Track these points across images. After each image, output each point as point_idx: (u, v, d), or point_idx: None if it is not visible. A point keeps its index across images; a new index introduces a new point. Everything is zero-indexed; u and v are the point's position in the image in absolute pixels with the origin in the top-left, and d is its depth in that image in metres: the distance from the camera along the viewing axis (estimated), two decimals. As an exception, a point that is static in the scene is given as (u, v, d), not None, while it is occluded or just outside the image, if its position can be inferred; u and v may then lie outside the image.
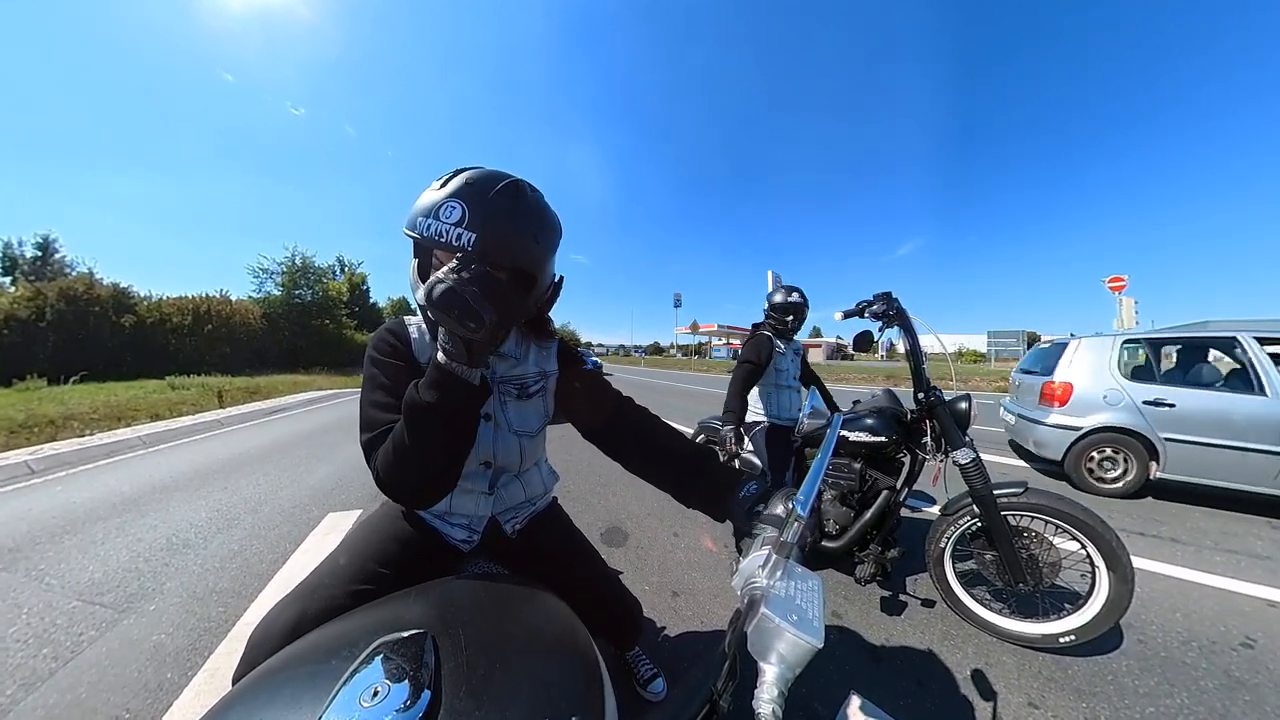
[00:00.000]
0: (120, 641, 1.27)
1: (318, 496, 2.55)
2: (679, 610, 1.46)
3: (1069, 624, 1.19)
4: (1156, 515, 2.36)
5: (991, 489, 1.24)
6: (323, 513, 2.29)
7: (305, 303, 17.73)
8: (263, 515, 2.26)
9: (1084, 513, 1.17)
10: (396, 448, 0.50)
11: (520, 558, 0.75)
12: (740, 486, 0.56)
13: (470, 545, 0.72)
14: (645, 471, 0.67)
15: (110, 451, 3.65)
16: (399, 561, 0.65)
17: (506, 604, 0.48)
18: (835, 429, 0.59)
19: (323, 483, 2.80)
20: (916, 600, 1.49)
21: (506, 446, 0.69)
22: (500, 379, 0.69)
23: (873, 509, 1.45)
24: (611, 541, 2.02)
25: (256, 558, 1.80)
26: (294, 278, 17.62)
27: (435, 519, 0.71)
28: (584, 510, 2.41)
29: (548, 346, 0.75)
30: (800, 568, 0.37)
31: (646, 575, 1.69)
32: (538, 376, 0.72)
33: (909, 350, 1.41)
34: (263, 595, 1.52)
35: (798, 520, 0.36)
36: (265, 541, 1.95)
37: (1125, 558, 1.12)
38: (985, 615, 1.31)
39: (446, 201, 0.52)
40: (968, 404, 1.35)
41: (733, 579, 0.39)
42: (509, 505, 0.73)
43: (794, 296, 1.87)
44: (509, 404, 0.69)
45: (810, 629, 0.30)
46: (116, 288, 12.52)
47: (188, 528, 2.10)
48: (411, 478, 0.51)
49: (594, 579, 0.78)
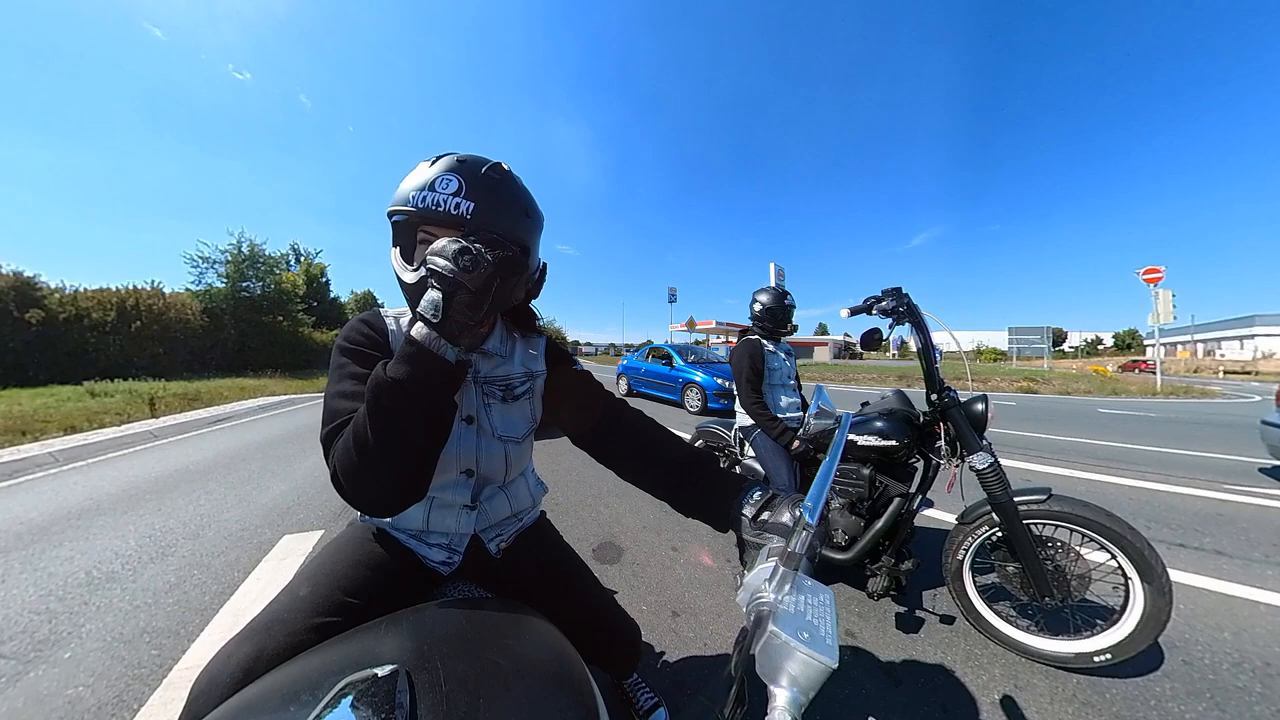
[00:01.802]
0: (26, 699, 1.19)
1: (271, 517, 2.49)
2: (680, 632, 1.46)
3: (1104, 641, 1.19)
4: (1197, 525, 2.41)
5: (1012, 496, 1.27)
6: (277, 535, 2.24)
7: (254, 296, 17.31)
8: (205, 540, 2.20)
9: (1112, 520, 1.19)
10: (357, 436, 0.47)
11: (506, 579, 0.74)
12: (744, 493, 0.56)
13: (451, 567, 0.71)
14: (641, 479, 0.67)
15: (13, 471, 3.49)
16: (369, 589, 0.64)
17: (491, 631, 0.47)
18: (845, 429, 0.60)
19: (277, 501, 2.74)
20: (935, 616, 1.52)
21: (490, 453, 0.69)
22: (484, 379, 0.69)
23: (884, 518, 1.48)
24: (605, 558, 2.02)
25: (198, 590, 1.74)
26: (240, 268, 17.16)
27: (411, 539, 0.71)
28: (574, 524, 2.41)
29: (535, 344, 0.75)
30: (810, 580, 0.37)
31: (644, 594, 1.70)
32: (524, 377, 0.72)
33: (921, 349, 1.45)
34: (206, 634, 1.47)
35: (806, 529, 0.36)
36: (208, 571, 1.90)
37: (1160, 567, 1.13)
38: (1011, 633, 1.34)
39: (442, 175, 0.57)
40: (984, 405, 1.38)
41: (737, 594, 0.39)
42: (494, 521, 0.73)
43: (787, 300, 2.02)
44: (493, 406, 0.69)
45: (823, 647, 0.30)
46: (19, 277, 11.59)
47: (112, 558, 2.02)
48: (372, 475, 0.48)
49: (587, 601, 0.78)
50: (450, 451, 0.66)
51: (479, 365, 0.69)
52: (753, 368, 1.91)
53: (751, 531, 0.52)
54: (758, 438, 1.90)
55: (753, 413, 1.89)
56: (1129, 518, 1.73)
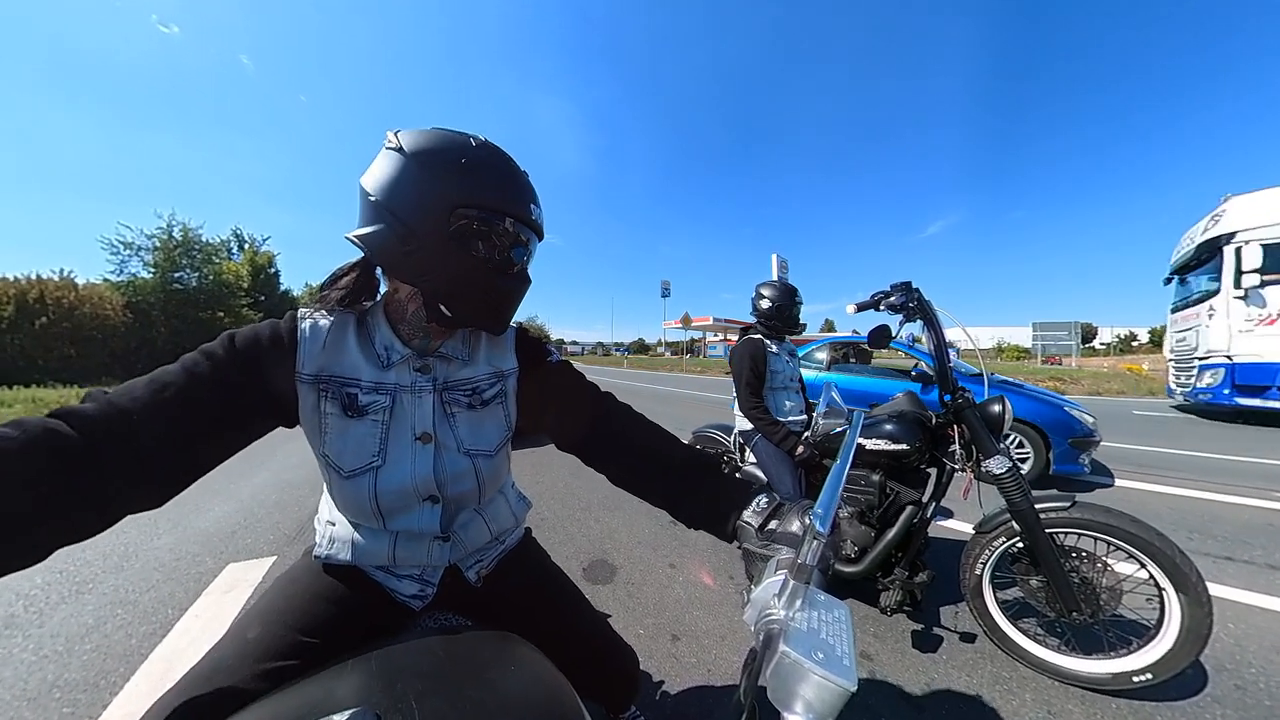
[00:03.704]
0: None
1: (212, 543, 2.43)
2: (681, 657, 1.47)
3: (1142, 660, 1.21)
4: (1246, 537, 2.45)
5: (1033, 503, 1.30)
6: (220, 564, 2.19)
7: (189, 289, 16.97)
8: (131, 573, 2.13)
9: (1138, 526, 1.23)
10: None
11: (487, 606, 0.74)
12: (750, 500, 0.57)
13: (424, 600, 0.70)
14: (637, 485, 0.67)
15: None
16: (330, 627, 0.63)
17: (472, 664, 0.47)
18: (856, 429, 0.61)
19: (219, 525, 2.67)
20: (955, 634, 1.56)
21: (457, 473, 0.67)
22: (444, 385, 0.67)
23: (895, 528, 1.51)
24: (596, 578, 2.02)
25: (122, 633, 1.67)
26: (172, 256, 16.73)
27: (377, 570, 0.70)
28: (562, 541, 2.41)
29: (502, 339, 0.73)
30: (824, 595, 0.38)
31: (640, 617, 1.70)
32: (493, 378, 0.71)
33: (933, 347, 1.50)
34: (133, 684, 1.40)
35: (817, 538, 0.37)
36: (135, 609, 1.82)
37: (1194, 575, 1.15)
38: (1039, 652, 1.37)
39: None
40: (1001, 406, 1.41)
41: (744, 612, 0.40)
42: (472, 549, 0.72)
43: (795, 297, 2.04)
44: (458, 416, 0.68)
45: (840, 668, 0.31)
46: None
47: (12, 599, 1.91)
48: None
49: (578, 626, 0.78)
50: (404, 478, 0.63)
51: (436, 370, 0.67)
52: (754, 370, 1.94)
53: (758, 542, 0.53)
54: (759, 443, 1.93)
55: (753, 418, 1.92)
56: (1169, 529, 1.76)
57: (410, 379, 0.65)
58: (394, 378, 0.64)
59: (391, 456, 0.63)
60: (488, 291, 0.61)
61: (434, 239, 0.56)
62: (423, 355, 0.67)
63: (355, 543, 0.67)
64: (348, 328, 0.64)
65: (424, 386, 0.66)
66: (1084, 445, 3.35)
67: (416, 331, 0.67)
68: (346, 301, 0.65)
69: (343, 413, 0.61)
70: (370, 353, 0.64)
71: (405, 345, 0.65)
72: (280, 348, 0.59)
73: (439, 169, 0.56)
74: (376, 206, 0.57)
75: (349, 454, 0.62)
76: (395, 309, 0.67)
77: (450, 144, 0.57)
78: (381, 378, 0.63)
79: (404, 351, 0.65)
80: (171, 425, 0.49)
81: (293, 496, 3.16)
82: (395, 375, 0.64)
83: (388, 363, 0.64)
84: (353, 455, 0.62)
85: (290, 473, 3.74)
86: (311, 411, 0.60)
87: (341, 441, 0.61)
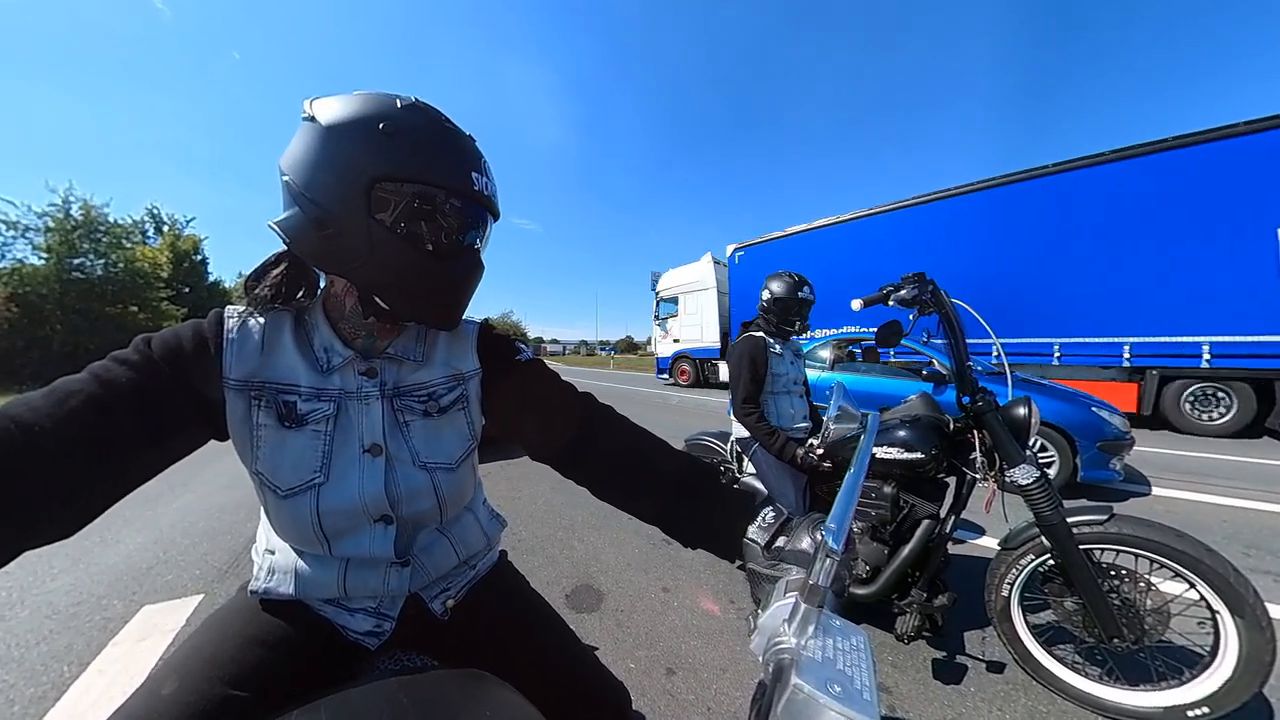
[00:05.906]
0: None
1: (122, 582, 2.35)
2: (677, 693, 1.47)
3: (1196, 692, 1.21)
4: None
5: (1065, 516, 1.32)
6: (133, 607, 2.12)
7: (93, 279, 16.40)
8: (19, 620, 2.03)
9: (1183, 541, 1.24)
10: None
11: (456, 643, 0.73)
12: (754, 514, 0.57)
13: (381, 638, 0.69)
14: (626, 500, 0.67)
15: None
16: (267, 676, 0.60)
17: (440, 708, 0.47)
18: (873, 434, 0.61)
19: (132, 560, 2.59)
20: (981, 663, 1.59)
21: (412, 488, 0.66)
22: (394, 390, 0.67)
23: (911, 544, 1.54)
24: (581, 606, 2.02)
25: (2, 697, 1.59)
26: (70, 238, 16.11)
27: (325, 605, 0.68)
28: (542, 565, 2.41)
29: (462, 334, 0.73)
30: (839, 620, 0.38)
31: (630, 649, 1.71)
32: (451, 381, 0.71)
33: (949, 344, 1.53)
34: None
35: (830, 555, 0.37)
36: (21, 667, 1.74)
37: (1251, 596, 1.17)
38: (1079, 683, 1.38)
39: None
40: (1027, 409, 1.43)
41: (751, 640, 0.40)
42: (436, 575, 0.71)
43: (804, 291, 1.99)
44: (413, 425, 0.67)
45: (859, 703, 0.31)
46: None
47: None
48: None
49: (561, 660, 0.77)
50: (350, 496, 0.62)
51: (384, 372, 0.66)
52: (752, 371, 1.93)
53: (764, 561, 0.53)
54: (758, 451, 1.94)
55: (747, 424, 1.92)
56: (1220, 544, 1.75)
57: (356, 384, 0.64)
58: (338, 382, 0.64)
59: (336, 471, 0.62)
60: (426, 278, 0.60)
61: (353, 221, 0.55)
62: (367, 357, 0.66)
63: (299, 572, 0.65)
64: (283, 328, 0.63)
65: (371, 393, 0.65)
66: (1115, 449, 3.33)
67: (358, 330, 0.66)
68: (277, 298, 0.64)
69: (279, 423, 0.60)
70: (309, 355, 0.63)
71: (347, 346, 0.65)
72: (204, 351, 0.58)
73: (355, 138, 0.54)
74: (291, 188, 0.56)
75: (286, 469, 0.61)
76: (333, 305, 0.66)
77: (370, 107, 0.56)
78: (323, 383, 0.63)
79: (345, 353, 0.64)
80: (82, 438, 0.47)
81: (224, 523, 3.09)
82: (339, 380, 0.64)
83: (328, 366, 0.63)
84: (290, 471, 0.61)
85: (221, 495, 3.65)
86: (241, 423, 0.59)
87: (278, 455, 0.60)
